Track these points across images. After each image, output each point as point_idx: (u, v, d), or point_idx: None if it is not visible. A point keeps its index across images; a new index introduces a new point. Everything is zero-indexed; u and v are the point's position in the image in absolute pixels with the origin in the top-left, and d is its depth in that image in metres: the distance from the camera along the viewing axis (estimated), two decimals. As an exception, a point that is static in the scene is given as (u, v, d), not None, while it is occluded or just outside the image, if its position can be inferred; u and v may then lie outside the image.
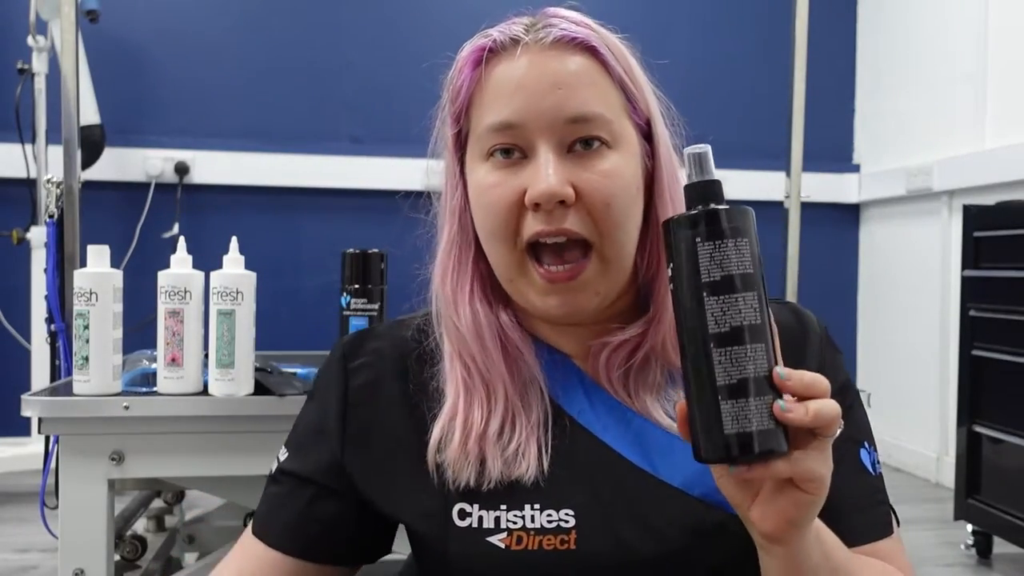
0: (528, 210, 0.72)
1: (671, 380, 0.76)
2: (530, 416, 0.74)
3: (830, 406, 0.57)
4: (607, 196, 0.72)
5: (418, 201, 0.84)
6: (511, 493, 0.72)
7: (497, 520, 0.72)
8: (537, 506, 0.71)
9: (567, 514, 0.71)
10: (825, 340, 0.82)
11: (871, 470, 0.79)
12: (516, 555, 0.71)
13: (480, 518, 0.72)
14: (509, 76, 0.73)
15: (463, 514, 0.73)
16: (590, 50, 0.75)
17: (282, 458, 0.82)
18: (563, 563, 0.70)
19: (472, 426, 0.73)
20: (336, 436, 0.79)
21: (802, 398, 0.57)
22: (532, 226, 0.72)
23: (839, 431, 0.58)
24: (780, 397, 0.57)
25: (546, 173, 0.70)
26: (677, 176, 0.78)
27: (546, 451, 0.73)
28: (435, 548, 0.74)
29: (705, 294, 0.58)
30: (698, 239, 0.58)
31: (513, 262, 0.74)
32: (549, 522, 0.71)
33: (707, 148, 0.61)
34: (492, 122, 0.73)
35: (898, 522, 0.81)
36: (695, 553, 0.71)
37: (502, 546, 0.71)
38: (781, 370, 0.57)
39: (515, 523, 0.71)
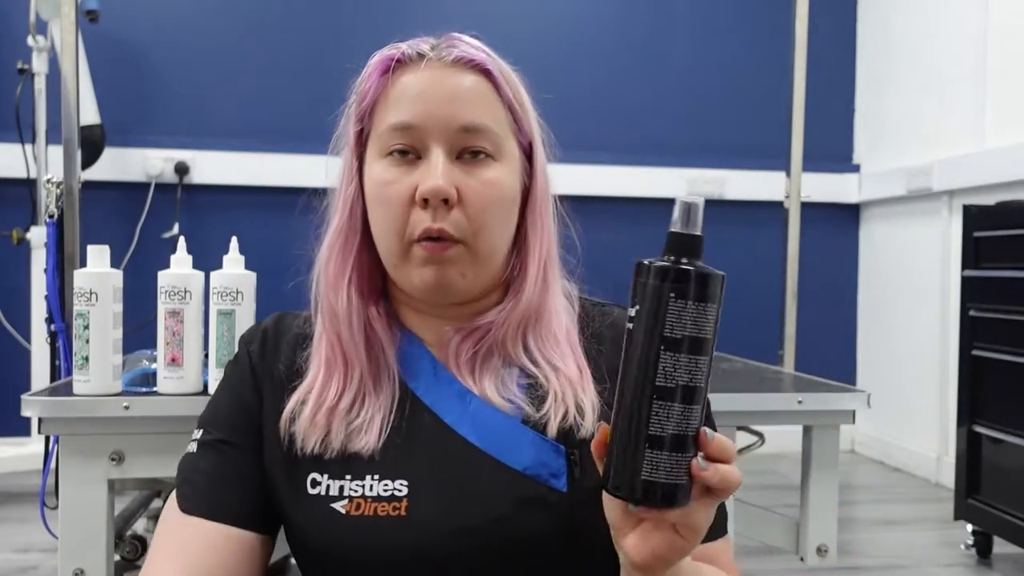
0: (416, 205, 0.80)
1: (508, 367, 0.85)
2: (379, 397, 0.83)
3: (735, 473, 0.63)
4: (485, 203, 0.81)
5: (315, 198, 0.93)
6: (355, 464, 0.80)
7: (341, 488, 0.80)
8: (376, 476, 0.79)
9: (401, 484, 0.79)
10: None
11: None
12: (354, 520, 0.79)
13: (328, 487, 0.80)
14: (412, 84, 0.82)
15: (314, 483, 0.81)
16: (485, 72, 0.84)
17: (196, 436, 0.87)
18: (396, 528, 0.78)
19: (325, 400, 0.82)
20: (249, 386, 0.87)
21: (714, 460, 0.62)
22: (420, 222, 0.80)
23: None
24: (696, 455, 0.62)
25: (435, 173, 0.79)
26: (549, 193, 0.89)
27: (386, 429, 0.81)
28: (288, 513, 0.82)
29: (662, 347, 0.60)
30: (671, 293, 0.61)
31: (400, 250, 0.82)
32: (385, 491, 0.79)
33: (700, 201, 0.64)
34: (393, 122, 0.82)
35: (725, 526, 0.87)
36: (517, 521, 0.78)
37: (343, 511, 0.79)
38: (710, 433, 0.62)
39: (356, 491, 0.79)
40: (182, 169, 3.47)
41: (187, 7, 3.57)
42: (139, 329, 1.71)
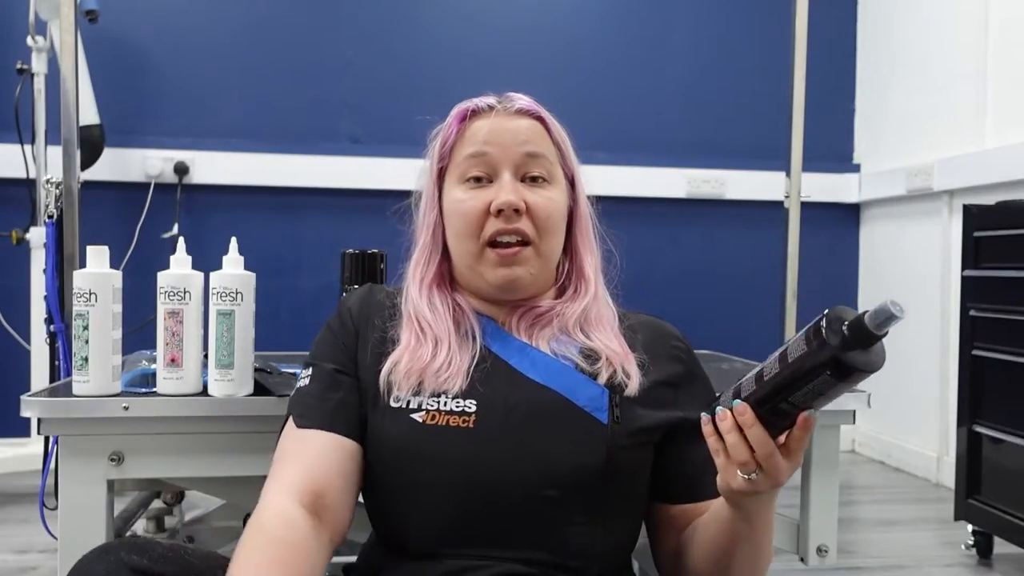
0: (491, 216, 1.05)
1: (564, 335, 1.09)
2: (463, 357, 1.05)
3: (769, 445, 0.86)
4: (547, 212, 1.07)
5: (404, 208, 1.17)
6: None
7: (420, 404, 1.02)
8: (451, 396, 1.01)
9: (471, 403, 1.01)
10: (678, 337, 1.17)
11: None
12: (429, 427, 1.00)
13: (408, 402, 1.02)
14: (485, 125, 1.09)
15: (396, 399, 1.03)
16: (540, 119, 1.12)
17: (306, 372, 1.08)
18: (463, 437, 0.99)
19: (418, 363, 1.03)
20: (350, 334, 1.10)
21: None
22: (495, 225, 1.05)
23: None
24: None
25: (508, 189, 1.05)
26: (589, 216, 1.16)
27: (467, 376, 1.03)
28: (373, 422, 1.03)
29: (786, 388, 0.82)
30: (828, 371, 0.77)
31: (475, 252, 1.07)
32: (457, 407, 1.01)
33: (902, 316, 0.73)
34: (470, 152, 1.08)
35: None
36: (568, 441, 1.00)
37: (420, 421, 1.00)
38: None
39: (432, 406, 1.01)
40: (181, 169, 3.47)
41: (187, 7, 3.57)
42: (139, 329, 1.71)
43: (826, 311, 0.78)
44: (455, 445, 0.98)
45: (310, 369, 1.08)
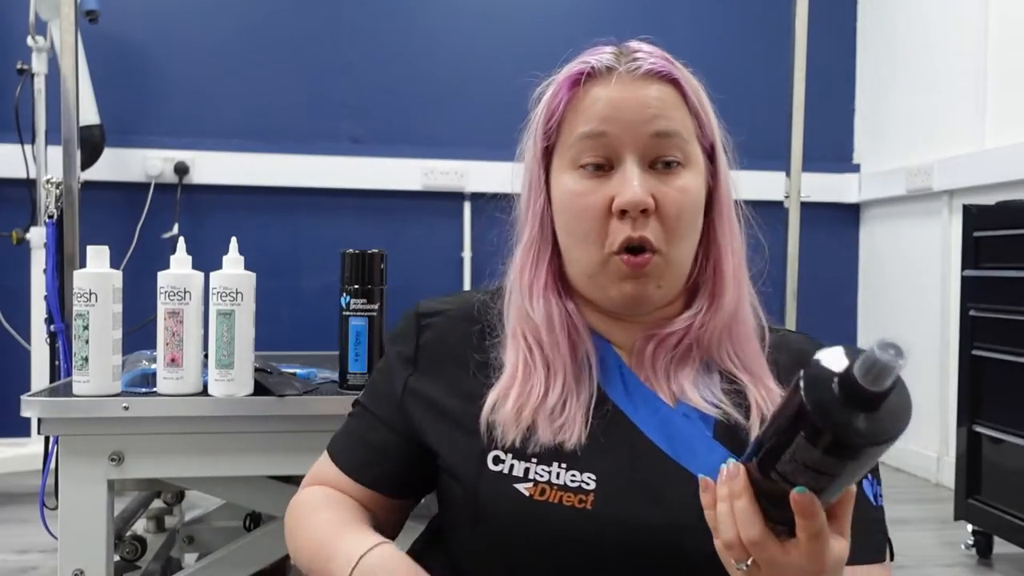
0: (613, 216, 0.82)
1: (707, 372, 0.87)
2: (580, 396, 0.84)
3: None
4: (679, 210, 0.83)
5: (502, 202, 0.95)
6: (543, 451, 0.82)
7: (526, 471, 0.81)
8: (564, 466, 0.80)
9: (590, 477, 0.80)
10: None
11: (872, 500, 0.84)
12: (538, 505, 0.79)
13: (512, 466, 0.81)
14: (604, 95, 0.84)
15: (497, 460, 0.82)
16: (673, 82, 0.87)
17: (360, 397, 0.96)
18: (579, 520, 0.79)
19: (529, 398, 0.83)
20: (401, 378, 0.92)
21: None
22: (620, 232, 0.82)
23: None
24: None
25: (632, 184, 0.81)
26: (731, 196, 0.92)
27: (587, 426, 0.82)
28: (467, 486, 0.83)
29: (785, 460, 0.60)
30: (821, 445, 0.57)
31: (599, 260, 0.84)
32: (572, 481, 0.80)
33: (898, 364, 0.54)
34: (585, 131, 0.84)
35: (892, 555, 0.86)
36: (700, 530, 0.77)
37: (527, 494, 0.80)
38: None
39: (542, 476, 0.80)
40: (182, 169, 3.47)
41: (187, 7, 3.57)
42: (139, 329, 1.71)
43: (817, 354, 0.58)
44: (570, 527, 0.79)
45: (365, 393, 0.96)
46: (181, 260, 1.27)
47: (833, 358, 0.57)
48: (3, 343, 3.16)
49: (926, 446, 3.46)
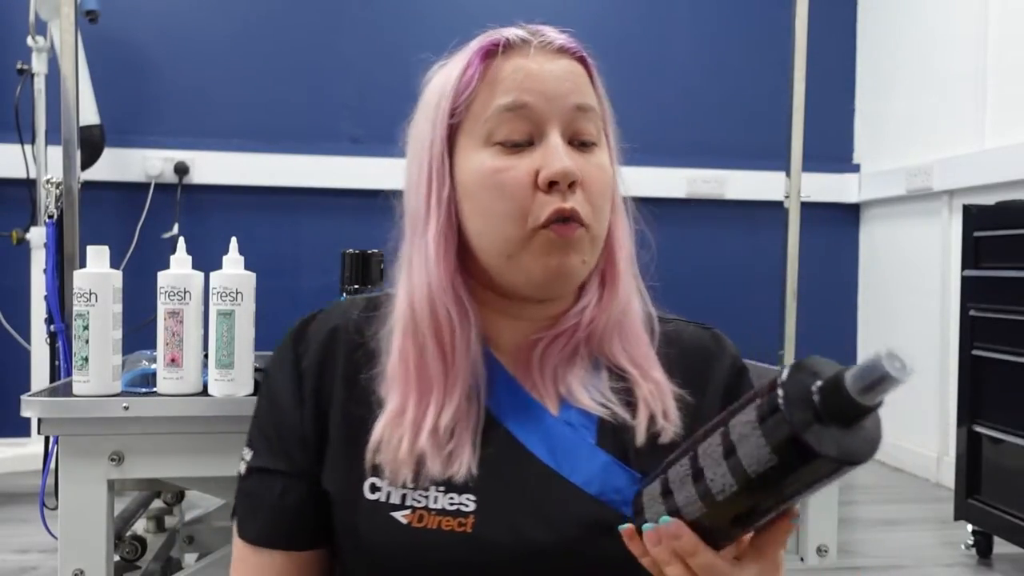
0: (539, 191, 0.76)
1: (596, 369, 0.82)
2: (470, 419, 0.77)
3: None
4: (602, 186, 0.79)
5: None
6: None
7: (403, 497, 0.76)
8: (442, 488, 0.76)
9: (468, 499, 0.75)
10: (737, 369, 0.88)
11: None
12: (416, 532, 0.75)
13: (388, 494, 0.76)
14: (523, 66, 0.79)
15: (373, 488, 0.77)
16: (583, 61, 0.84)
17: (247, 457, 0.84)
18: (460, 545, 0.75)
19: (423, 424, 0.76)
20: (295, 416, 0.82)
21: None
22: (547, 204, 0.76)
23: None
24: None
25: (561, 153, 0.76)
26: (619, 185, 0.85)
27: (475, 452, 0.76)
28: (346, 519, 0.79)
29: (721, 429, 0.58)
30: (758, 401, 0.54)
31: (519, 238, 0.77)
32: (451, 504, 0.75)
33: (903, 378, 0.49)
34: (506, 102, 0.77)
35: None
36: (586, 546, 0.75)
37: (404, 522, 0.75)
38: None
39: (419, 502, 0.76)
40: (182, 169, 3.47)
41: (187, 7, 3.57)
42: (139, 329, 1.71)
43: (784, 371, 0.53)
44: (450, 553, 0.75)
45: (248, 453, 0.84)
46: (181, 260, 1.27)
47: (812, 369, 0.53)
48: (3, 343, 3.17)
49: (926, 446, 3.46)
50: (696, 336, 0.87)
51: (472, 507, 0.75)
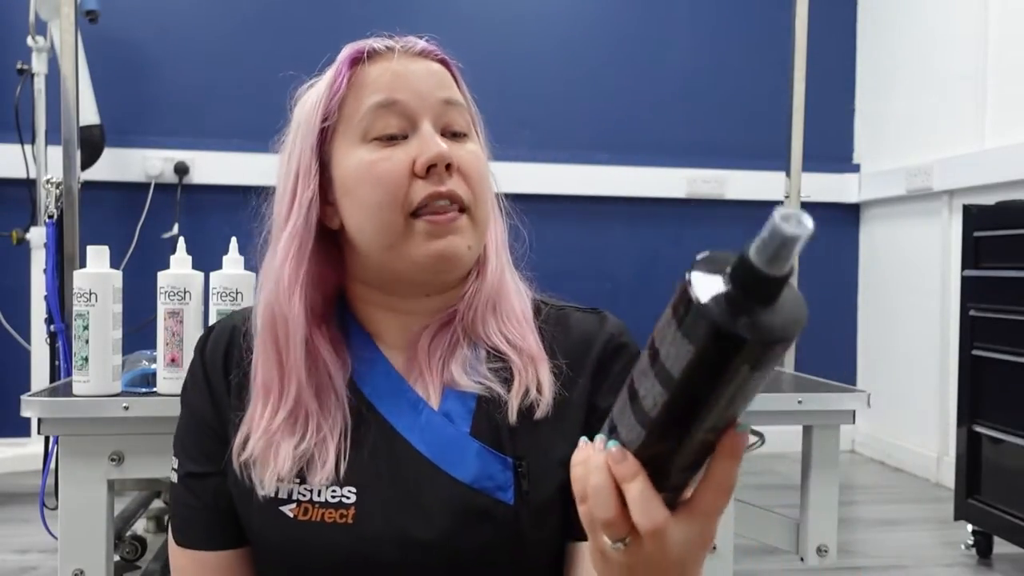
0: (416, 178, 0.80)
1: (474, 349, 0.85)
2: (328, 418, 0.80)
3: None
4: (478, 171, 0.83)
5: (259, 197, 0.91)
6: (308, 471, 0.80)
7: (290, 492, 0.79)
8: (325, 482, 0.78)
9: (350, 491, 0.79)
10: (614, 346, 0.87)
11: None
12: (301, 525, 0.78)
13: (276, 489, 0.79)
14: (389, 67, 0.83)
15: (261, 484, 0.79)
16: (444, 62, 0.87)
17: (175, 466, 0.88)
18: (341, 536, 0.78)
19: (274, 431, 0.79)
20: (212, 418, 0.86)
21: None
22: (424, 188, 0.79)
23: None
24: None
25: (435, 141, 0.80)
26: (492, 175, 0.88)
27: (344, 457, 0.79)
28: (245, 516, 0.82)
29: (647, 344, 0.53)
30: (672, 300, 0.50)
31: (398, 226, 0.80)
32: (333, 497, 0.79)
33: (803, 231, 0.45)
34: (378, 100, 0.81)
35: None
36: (463, 534, 0.78)
37: (291, 515, 0.79)
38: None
39: (304, 496, 0.79)
40: (182, 169, 3.47)
41: (187, 7, 3.57)
42: (139, 329, 1.71)
43: (691, 268, 0.50)
44: (333, 544, 0.78)
45: (176, 462, 0.88)
46: (181, 260, 1.27)
47: (713, 262, 0.50)
48: (3, 343, 3.17)
49: (926, 446, 3.46)
50: (582, 319, 0.89)
51: (352, 499, 0.78)
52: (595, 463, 0.56)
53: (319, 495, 0.78)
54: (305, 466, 0.78)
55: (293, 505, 0.79)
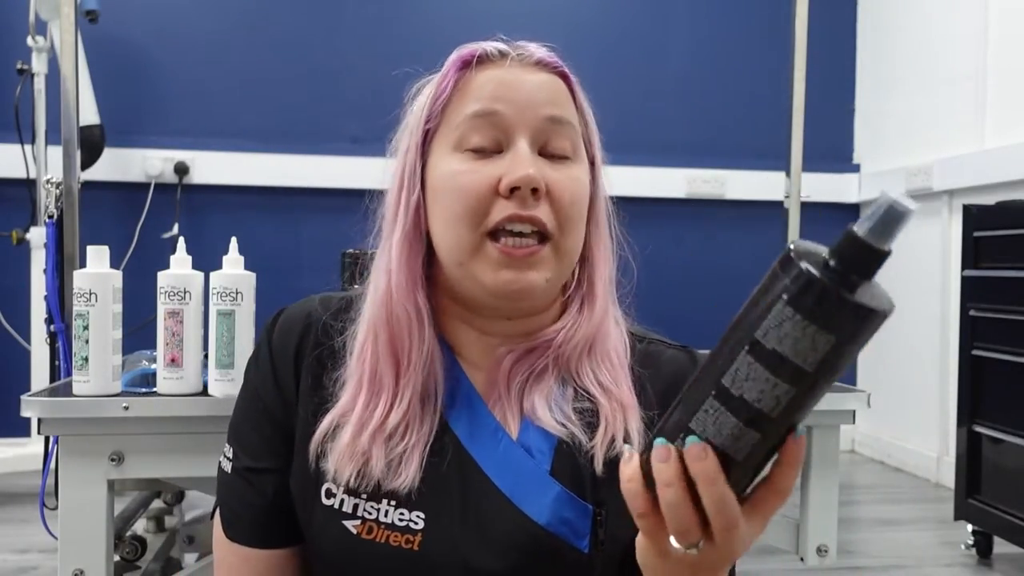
0: (499, 197, 0.76)
1: (562, 386, 0.81)
2: (423, 424, 0.78)
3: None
4: (572, 196, 0.78)
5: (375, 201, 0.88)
6: (375, 491, 0.77)
7: (355, 507, 0.77)
8: (393, 503, 0.76)
9: (419, 516, 0.76)
10: None
11: None
12: (364, 543, 0.76)
13: (342, 501, 0.77)
14: (496, 76, 0.79)
15: (329, 494, 0.78)
16: (563, 76, 0.82)
17: (229, 455, 0.85)
18: (404, 561, 0.75)
19: (368, 422, 0.77)
20: (277, 409, 0.83)
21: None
22: (505, 209, 0.75)
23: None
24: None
25: (525, 161, 0.75)
26: (607, 206, 0.86)
27: (422, 467, 0.76)
28: (305, 520, 0.80)
29: (747, 346, 0.52)
30: (785, 296, 0.50)
31: (471, 243, 0.76)
32: (400, 520, 0.76)
33: (909, 210, 0.51)
34: (475, 109, 0.78)
35: None
36: (528, 573, 0.75)
37: (354, 531, 0.76)
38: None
39: (370, 514, 0.76)
40: (182, 169, 3.47)
41: (187, 7, 3.57)
42: (139, 329, 1.71)
43: (784, 259, 0.51)
44: (396, 569, 0.76)
45: (230, 450, 0.85)
46: (181, 260, 1.27)
47: (800, 246, 0.52)
48: (3, 343, 3.16)
49: (926, 446, 3.46)
50: (673, 358, 0.86)
51: (421, 524, 0.76)
52: (666, 477, 0.55)
53: (386, 515, 0.76)
54: (385, 472, 0.75)
55: (357, 521, 0.76)
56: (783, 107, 2.32)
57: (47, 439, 1.53)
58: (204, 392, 1.27)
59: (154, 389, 1.27)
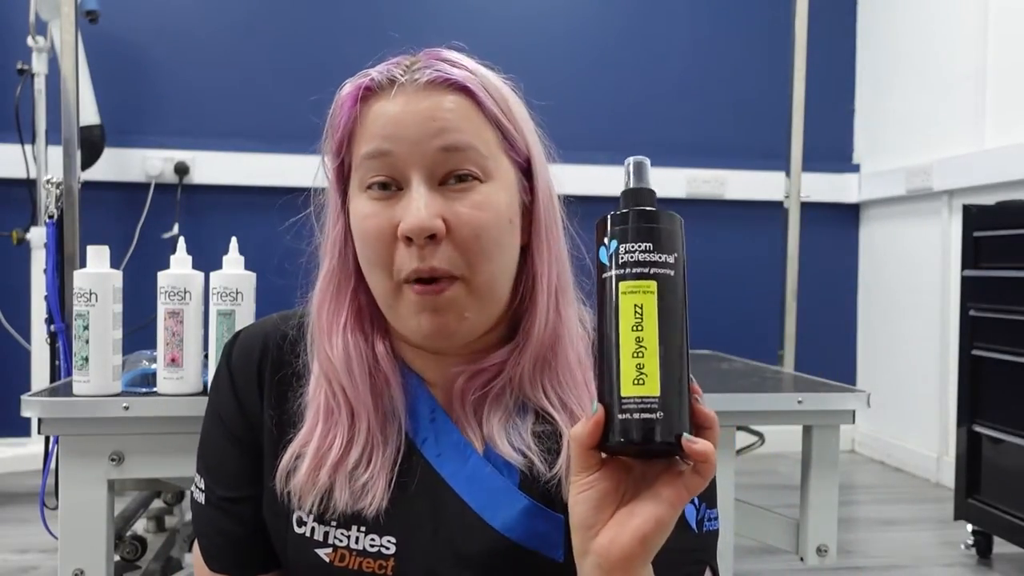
0: (401, 242, 0.73)
1: (522, 410, 0.79)
2: (386, 450, 0.76)
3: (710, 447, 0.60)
4: (477, 228, 0.73)
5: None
6: (343, 518, 0.76)
7: (326, 535, 0.76)
8: (363, 529, 0.75)
9: (389, 541, 0.75)
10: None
11: (694, 528, 0.77)
12: (338, 571, 0.75)
13: (313, 529, 0.76)
14: (384, 111, 0.75)
15: (300, 522, 0.77)
16: (463, 90, 0.76)
17: (201, 485, 0.83)
18: None
19: (327, 456, 0.75)
20: (246, 436, 0.82)
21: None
22: (407, 262, 0.73)
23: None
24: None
25: (417, 206, 0.72)
26: (556, 212, 0.82)
27: (390, 487, 0.75)
28: (279, 547, 0.79)
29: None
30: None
31: (389, 289, 0.75)
32: (372, 546, 0.75)
33: (645, 160, 0.70)
34: (367, 151, 0.75)
35: None
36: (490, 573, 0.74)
37: (327, 560, 0.76)
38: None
39: (341, 541, 0.76)
40: (182, 169, 3.47)
41: (187, 7, 3.57)
42: (140, 329, 1.71)
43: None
44: None
45: (201, 481, 0.83)
46: (181, 260, 1.27)
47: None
48: (3, 343, 3.16)
49: (926, 446, 3.46)
50: None
51: (392, 549, 0.75)
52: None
53: (357, 542, 0.75)
54: (349, 501, 0.74)
55: (329, 550, 0.76)
56: (783, 107, 2.32)
57: (47, 439, 1.53)
58: (204, 392, 1.27)
59: (154, 389, 1.27)
